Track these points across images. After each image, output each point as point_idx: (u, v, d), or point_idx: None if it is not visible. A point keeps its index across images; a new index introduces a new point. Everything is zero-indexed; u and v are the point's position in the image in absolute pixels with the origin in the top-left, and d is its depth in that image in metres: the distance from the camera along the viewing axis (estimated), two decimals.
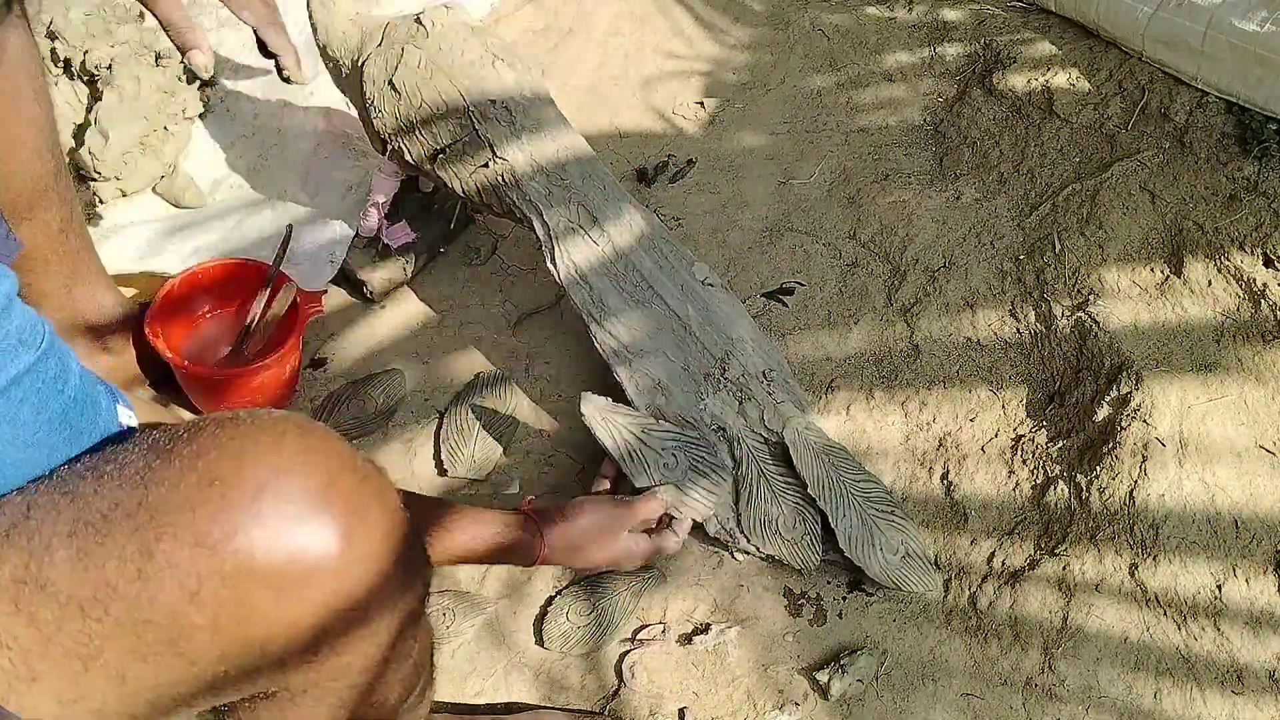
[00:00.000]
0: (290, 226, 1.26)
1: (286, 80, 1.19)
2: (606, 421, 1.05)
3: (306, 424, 0.55)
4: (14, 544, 0.50)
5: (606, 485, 1.07)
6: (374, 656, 0.59)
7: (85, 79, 1.49)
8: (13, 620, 0.49)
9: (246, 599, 0.50)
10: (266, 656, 0.53)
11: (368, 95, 1.20)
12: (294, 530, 0.51)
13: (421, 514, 0.83)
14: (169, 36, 1.08)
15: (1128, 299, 1.17)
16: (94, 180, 1.43)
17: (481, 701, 1.00)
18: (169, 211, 1.47)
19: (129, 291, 1.24)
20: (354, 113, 1.43)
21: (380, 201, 1.34)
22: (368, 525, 0.54)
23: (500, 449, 1.18)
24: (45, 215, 1.00)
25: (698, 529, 1.06)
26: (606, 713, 0.98)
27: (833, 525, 1.02)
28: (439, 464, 1.17)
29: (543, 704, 0.99)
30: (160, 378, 1.22)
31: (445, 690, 0.99)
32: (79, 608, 0.49)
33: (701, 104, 1.62)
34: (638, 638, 1.03)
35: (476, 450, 1.17)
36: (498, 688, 1.01)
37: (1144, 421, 1.05)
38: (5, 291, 0.52)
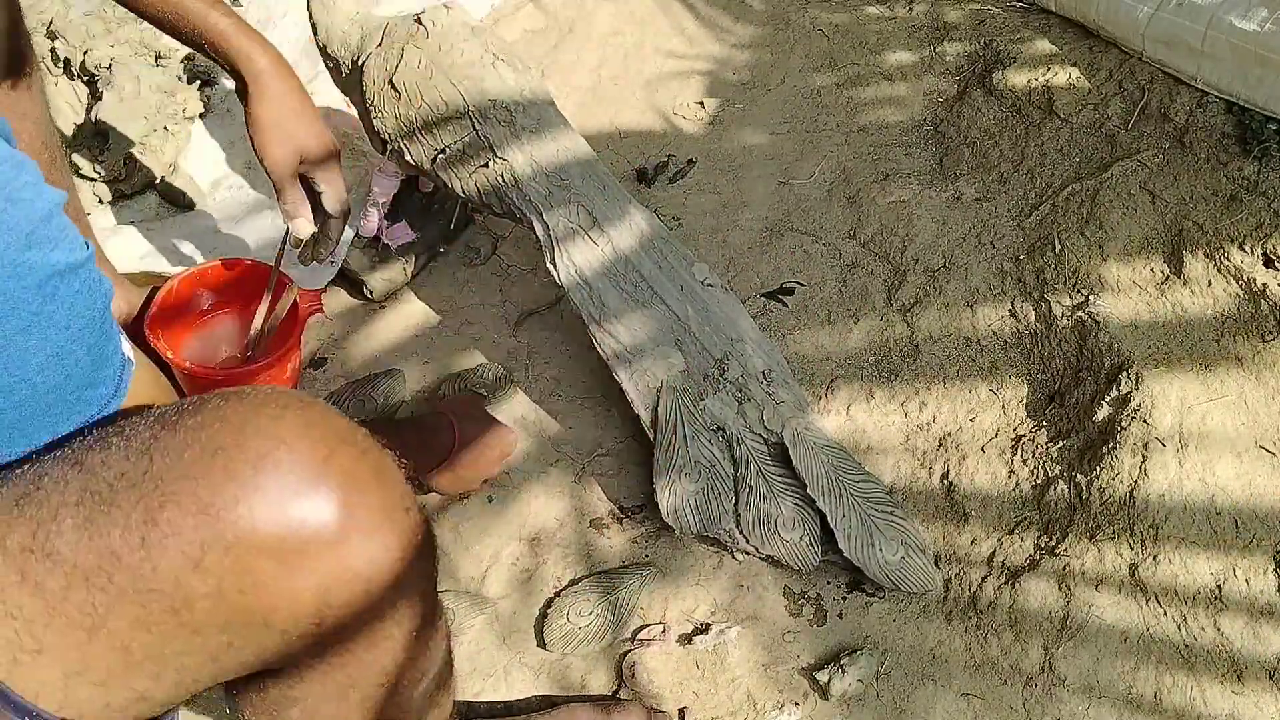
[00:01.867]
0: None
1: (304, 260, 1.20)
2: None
3: (308, 400, 0.56)
4: (23, 513, 0.51)
5: None
6: (380, 634, 0.59)
7: (85, 79, 1.49)
8: (19, 590, 0.49)
9: (249, 568, 0.51)
10: (270, 628, 0.53)
11: (368, 95, 1.20)
12: (294, 501, 0.52)
13: None
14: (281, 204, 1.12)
15: (1128, 298, 1.17)
16: (94, 180, 1.43)
17: (483, 700, 1.00)
18: (169, 211, 1.47)
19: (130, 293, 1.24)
20: (354, 113, 1.43)
21: (380, 201, 1.34)
22: (367, 499, 0.55)
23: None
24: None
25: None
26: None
27: (832, 525, 1.02)
28: None
29: (573, 696, 1.00)
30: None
31: None
32: (84, 577, 0.49)
33: (702, 104, 1.62)
34: (638, 638, 1.03)
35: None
36: (498, 687, 1.01)
37: (1144, 421, 1.05)
38: (55, 200, 0.55)
